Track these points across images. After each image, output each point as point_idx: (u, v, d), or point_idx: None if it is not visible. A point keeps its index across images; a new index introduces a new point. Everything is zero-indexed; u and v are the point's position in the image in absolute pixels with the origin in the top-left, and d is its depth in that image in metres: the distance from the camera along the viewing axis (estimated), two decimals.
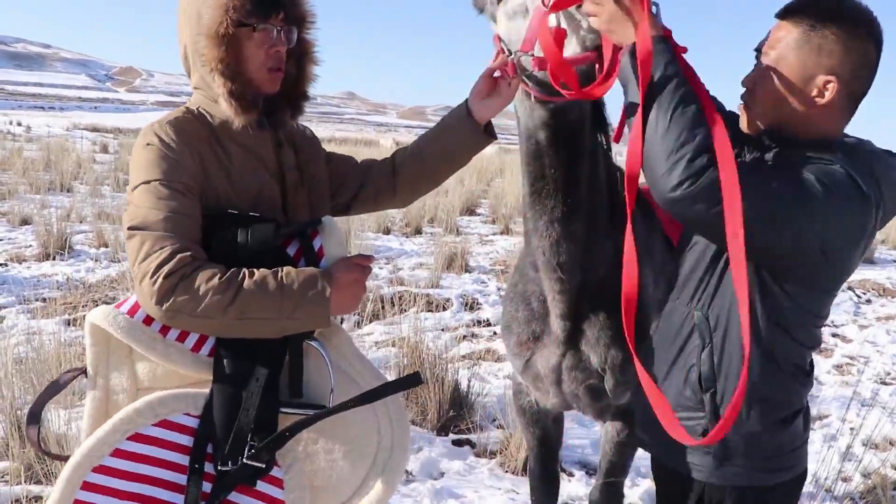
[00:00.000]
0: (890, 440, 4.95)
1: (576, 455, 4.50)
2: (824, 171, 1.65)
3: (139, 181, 1.80)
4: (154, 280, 1.69)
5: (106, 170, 17.97)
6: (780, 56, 1.76)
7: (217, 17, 1.81)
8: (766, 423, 1.83)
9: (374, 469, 1.95)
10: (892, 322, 8.35)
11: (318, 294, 1.81)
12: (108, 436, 1.75)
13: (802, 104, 1.75)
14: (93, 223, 10.12)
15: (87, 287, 7.25)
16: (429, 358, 4.97)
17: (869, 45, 1.72)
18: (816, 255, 1.68)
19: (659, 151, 1.64)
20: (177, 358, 1.82)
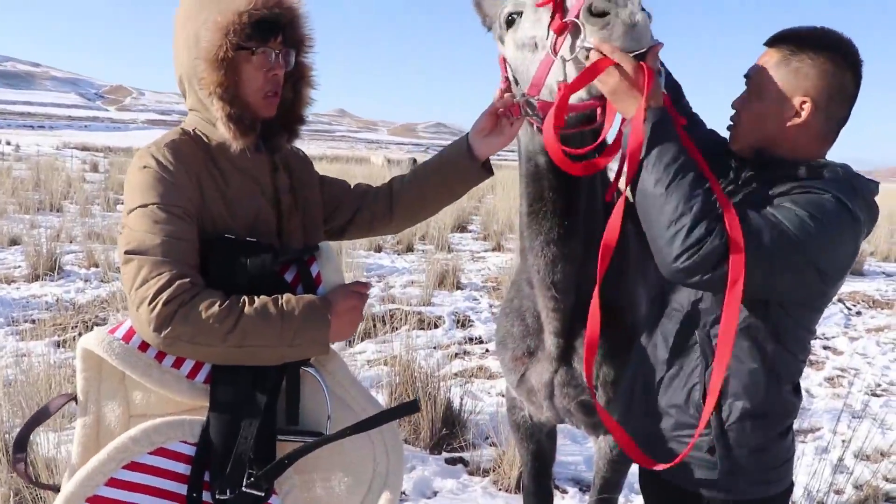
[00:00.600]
0: (881, 451, 4.96)
1: (569, 472, 4.49)
2: (816, 204, 1.72)
3: (136, 204, 1.78)
4: (152, 306, 1.66)
5: (96, 189, 17.93)
6: (762, 79, 1.90)
7: (216, 40, 1.80)
8: (769, 437, 1.92)
9: (370, 495, 1.95)
10: (882, 333, 8.40)
11: (318, 322, 1.82)
12: (102, 465, 1.71)
13: (782, 123, 1.87)
14: (83, 243, 10.08)
15: (77, 308, 7.21)
16: (421, 376, 4.96)
17: (846, 73, 1.84)
18: (816, 284, 1.77)
19: (659, 222, 1.71)
20: (172, 385, 1.79)
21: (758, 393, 1.88)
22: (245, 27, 1.81)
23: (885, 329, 8.61)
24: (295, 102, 2.07)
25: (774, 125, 1.89)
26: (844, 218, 1.74)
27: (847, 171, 1.86)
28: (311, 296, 1.88)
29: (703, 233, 1.64)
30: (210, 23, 1.81)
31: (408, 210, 2.39)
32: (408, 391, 4.85)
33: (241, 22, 1.80)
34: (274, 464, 1.82)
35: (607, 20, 1.70)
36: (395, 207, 2.36)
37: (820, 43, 1.85)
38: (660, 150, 1.72)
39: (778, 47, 1.89)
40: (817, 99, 1.84)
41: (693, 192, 1.68)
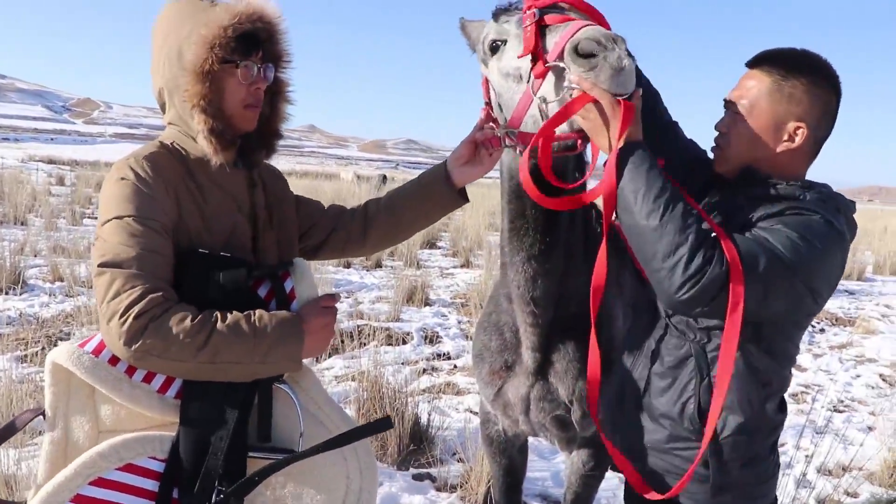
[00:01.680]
0: (843, 466, 5.04)
1: (536, 488, 4.50)
2: (807, 226, 1.77)
3: (111, 216, 1.76)
4: (123, 320, 1.64)
5: (62, 202, 17.68)
6: (752, 103, 1.92)
7: (201, 53, 1.81)
8: (759, 451, 1.97)
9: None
10: (844, 350, 8.54)
11: (291, 338, 1.83)
12: (68, 481, 1.69)
13: (774, 147, 1.92)
14: (48, 257, 9.92)
15: (41, 322, 7.09)
16: (389, 392, 4.94)
17: (831, 96, 1.91)
18: (809, 305, 1.83)
19: (656, 256, 1.72)
20: (143, 400, 1.77)
21: (751, 407, 1.91)
22: (230, 41, 1.83)
23: (848, 346, 8.76)
24: (271, 118, 2.08)
25: (766, 149, 1.93)
26: (833, 237, 1.79)
27: (830, 191, 1.92)
28: (285, 312, 1.88)
29: (702, 262, 1.66)
30: (194, 36, 1.82)
31: (382, 233, 2.41)
32: (375, 407, 4.83)
33: (226, 35, 1.81)
34: (244, 480, 1.80)
35: (594, 63, 1.72)
36: (369, 230, 2.39)
37: (808, 67, 1.90)
38: (647, 183, 1.73)
39: (765, 70, 1.92)
40: (810, 123, 1.89)
41: (686, 223, 1.69)
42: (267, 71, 1.95)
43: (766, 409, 1.93)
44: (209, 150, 1.88)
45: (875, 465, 4.93)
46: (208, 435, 1.80)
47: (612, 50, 1.70)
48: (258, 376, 1.85)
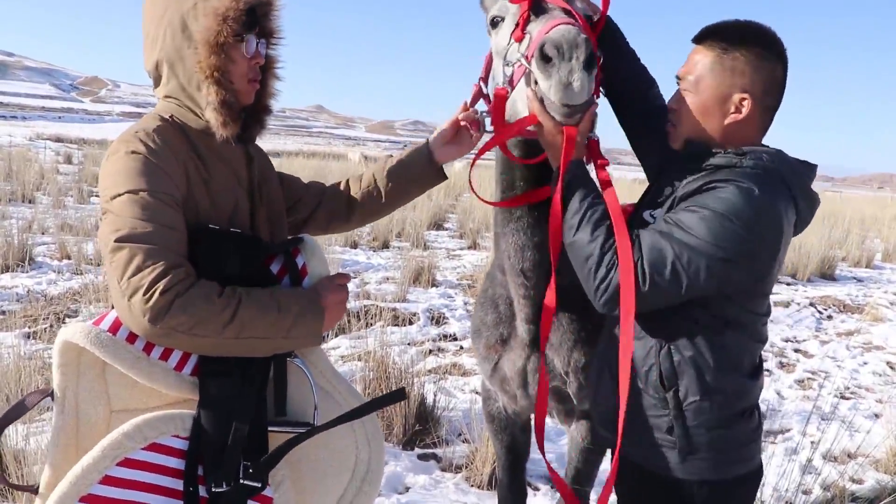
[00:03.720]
0: (848, 453, 5.05)
1: (541, 469, 4.50)
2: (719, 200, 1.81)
3: (123, 189, 1.71)
4: (149, 296, 1.60)
5: (70, 181, 17.70)
6: (698, 78, 1.98)
7: (214, 25, 1.80)
8: (725, 416, 1.97)
9: (353, 483, 2.03)
10: (851, 337, 8.52)
11: (313, 314, 1.85)
12: (96, 462, 1.66)
13: (722, 119, 1.97)
14: (55, 235, 9.95)
15: (49, 300, 7.13)
16: (395, 372, 4.96)
17: (776, 65, 1.94)
18: (743, 276, 1.87)
19: (578, 267, 1.94)
20: (160, 378, 1.75)
21: (708, 375, 1.93)
22: (241, 14, 1.83)
23: (855, 333, 8.74)
24: (262, 93, 2.07)
25: (714, 122, 1.97)
26: (753, 204, 1.80)
27: (772, 156, 1.93)
28: (304, 289, 1.92)
29: (606, 270, 1.85)
30: (204, 8, 1.82)
31: (367, 210, 2.45)
32: (381, 387, 4.85)
33: (238, 8, 1.82)
34: (271, 454, 1.83)
35: (550, 72, 1.84)
36: (353, 207, 2.43)
37: (750, 38, 1.93)
38: (571, 201, 1.95)
39: (708, 44, 1.97)
40: (755, 93, 1.93)
41: (594, 233, 1.88)
42: (261, 46, 1.96)
43: (727, 376, 1.95)
44: (217, 122, 1.86)
45: (881, 453, 4.92)
46: (230, 411, 1.80)
47: (566, 61, 1.80)
48: (280, 351, 1.87)
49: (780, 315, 9.27)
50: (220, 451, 1.79)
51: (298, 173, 12.80)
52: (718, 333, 1.93)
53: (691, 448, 1.97)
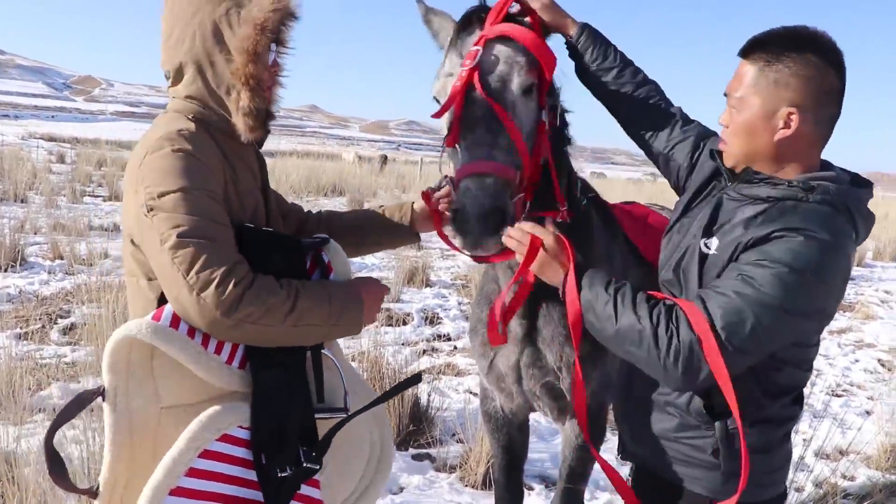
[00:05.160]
0: (840, 450, 5.07)
1: (535, 469, 4.52)
2: (794, 254, 1.69)
3: (175, 187, 1.74)
4: (222, 289, 1.68)
5: (62, 180, 17.66)
6: (743, 94, 1.86)
7: (253, 34, 1.86)
8: (768, 441, 1.94)
9: (371, 463, 2.20)
10: (843, 336, 8.55)
11: (357, 304, 1.98)
12: (182, 455, 1.73)
13: (771, 136, 1.83)
14: (48, 235, 9.93)
15: (41, 300, 7.10)
16: (389, 372, 4.96)
17: (828, 71, 1.79)
18: (815, 324, 1.83)
19: (640, 356, 1.77)
20: (216, 371, 1.81)
21: (761, 408, 1.90)
22: (277, 23, 1.90)
23: (847, 331, 8.79)
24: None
25: (763, 140, 1.85)
26: (827, 255, 1.71)
27: (839, 189, 1.81)
28: (347, 282, 2.06)
29: (667, 338, 1.71)
30: (241, 16, 1.88)
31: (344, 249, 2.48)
32: (375, 387, 4.84)
33: (276, 20, 1.89)
34: (323, 438, 1.96)
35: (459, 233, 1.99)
36: None
37: (795, 46, 1.80)
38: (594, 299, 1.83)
39: (752, 58, 1.86)
40: (803, 106, 1.79)
41: (637, 311, 1.75)
42: (277, 56, 2.00)
43: (774, 404, 1.91)
44: (246, 127, 1.92)
45: (872, 450, 4.95)
46: (286, 400, 1.91)
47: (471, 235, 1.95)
48: (328, 339, 2.01)
49: None
50: (279, 438, 1.88)
51: (293, 173, 12.81)
52: (775, 370, 1.87)
53: (735, 471, 1.87)
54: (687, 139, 2.32)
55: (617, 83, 2.40)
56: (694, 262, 1.93)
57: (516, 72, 2.13)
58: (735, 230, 1.84)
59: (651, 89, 2.41)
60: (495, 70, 2.12)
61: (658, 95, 2.41)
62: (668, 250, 2.11)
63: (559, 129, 2.39)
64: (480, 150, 2.02)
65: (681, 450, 1.99)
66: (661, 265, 2.12)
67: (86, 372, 4.77)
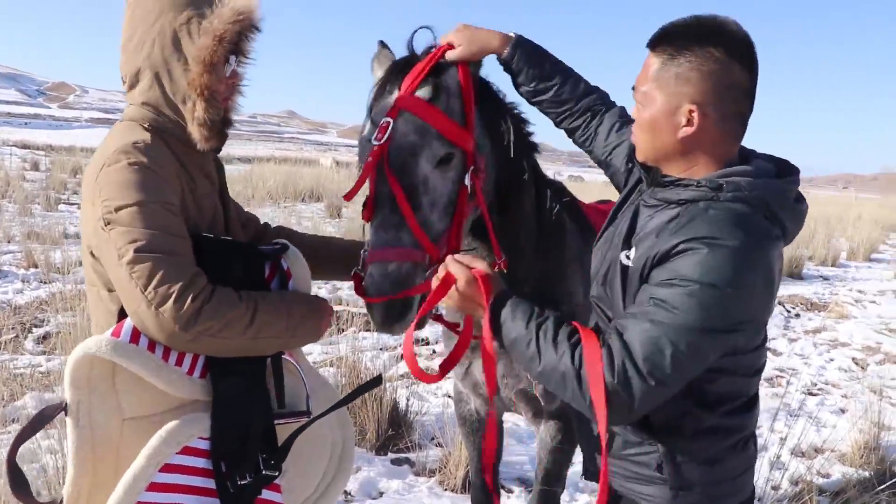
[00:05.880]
0: (815, 448, 5.13)
1: (514, 471, 4.53)
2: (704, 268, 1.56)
3: (131, 201, 1.74)
4: (180, 304, 1.69)
5: (37, 188, 17.44)
6: (647, 89, 1.76)
7: (212, 45, 1.85)
8: (717, 451, 1.82)
9: (332, 463, 2.21)
10: (818, 335, 8.65)
11: (316, 314, 2.01)
12: (142, 471, 1.74)
13: (674, 134, 1.73)
14: (22, 243, 9.81)
15: (15, 309, 7.02)
16: (367, 377, 4.95)
17: (731, 65, 1.66)
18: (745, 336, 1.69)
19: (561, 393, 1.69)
20: (177, 382, 1.82)
21: (700, 420, 1.78)
22: (235, 36, 1.89)
23: (822, 330, 8.88)
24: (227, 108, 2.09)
25: (667, 138, 1.74)
26: (739, 261, 1.57)
27: (752, 183, 1.68)
28: (306, 294, 2.05)
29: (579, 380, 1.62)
30: (197, 27, 1.87)
31: None
32: None
33: (234, 31, 1.88)
34: (283, 444, 1.97)
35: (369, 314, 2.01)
36: None
37: (698, 39, 1.68)
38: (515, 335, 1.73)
39: (658, 50, 1.74)
40: (704, 103, 1.67)
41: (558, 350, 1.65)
42: (235, 64, 1.99)
43: (714, 414, 1.78)
44: (201, 136, 1.91)
45: (846, 447, 5.02)
46: (245, 408, 1.91)
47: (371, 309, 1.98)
48: (287, 349, 2.01)
49: None
50: (240, 447, 1.89)
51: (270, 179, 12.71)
52: (708, 381, 1.72)
53: (682, 484, 1.82)
54: (623, 142, 2.21)
55: (557, 97, 2.31)
56: (617, 276, 1.82)
57: (427, 146, 2.04)
58: (648, 238, 1.74)
59: (594, 99, 2.32)
60: (405, 146, 2.03)
61: (599, 102, 2.32)
62: (595, 262, 2.02)
63: (523, 143, 2.37)
64: (387, 233, 1.99)
65: (628, 467, 1.91)
66: (591, 279, 2.01)
67: (60, 381, 4.72)
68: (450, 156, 2.06)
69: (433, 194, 2.06)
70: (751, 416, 1.88)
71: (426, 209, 2.03)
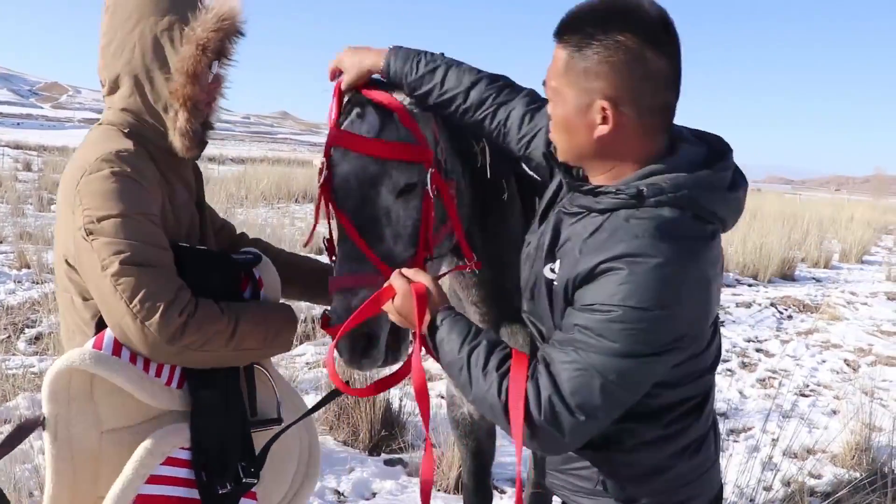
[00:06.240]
0: (808, 449, 5.15)
1: (507, 472, 4.53)
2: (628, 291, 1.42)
3: (115, 212, 1.71)
4: (166, 319, 1.69)
5: (29, 188, 17.37)
6: (557, 85, 1.59)
7: (195, 55, 1.82)
8: (665, 458, 1.71)
9: (301, 467, 2.23)
10: (811, 336, 8.68)
11: (290, 324, 2.01)
12: (130, 482, 1.74)
13: (590, 134, 1.55)
14: (14, 244, 9.77)
15: (7, 309, 6.98)
16: (360, 378, 4.95)
17: (643, 52, 1.48)
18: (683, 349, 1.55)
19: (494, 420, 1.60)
20: (158, 393, 1.82)
21: (629, 433, 1.67)
22: (219, 44, 1.86)
23: (814, 332, 8.91)
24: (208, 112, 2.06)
25: (582, 138, 1.57)
26: (668, 278, 1.43)
27: (674, 181, 1.50)
28: (279, 303, 2.08)
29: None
30: (179, 34, 1.83)
31: None
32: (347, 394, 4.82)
33: (218, 39, 1.84)
34: (261, 451, 2.00)
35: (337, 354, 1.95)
36: None
37: (604, 26, 1.49)
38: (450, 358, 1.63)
39: (563, 41, 1.56)
40: (619, 98, 1.50)
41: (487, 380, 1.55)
42: (219, 69, 1.95)
43: (653, 427, 1.67)
44: (182, 146, 1.89)
45: (838, 448, 5.03)
46: (224, 418, 1.92)
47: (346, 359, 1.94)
48: (262, 358, 2.05)
49: (742, 315, 9.44)
50: (219, 456, 1.89)
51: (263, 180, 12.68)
52: (651, 397, 1.59)
53: (627, 498, 1.72)
54: (539, 132, 1.95)
55: (441, 96, 2.02)
56: (543, 291, 1.69)
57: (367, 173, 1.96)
58: (570, 254, 1.59)
59: (488, 88, 2.02)
60: (343, 179, 1.98)
61: (496, 91, 2.02)
62: (524, 274, 1.86)
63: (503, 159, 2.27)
64: (349, 264, 1.96)
65: (572, 481, 1.82)
66: (522, 291, 1.87)
67: None
68: (409, 184, 1.97)
69: (396, 225, 1.99)
70: (700, 419, 1.74)
71: (388, 239, 1.98)
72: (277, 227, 11.31)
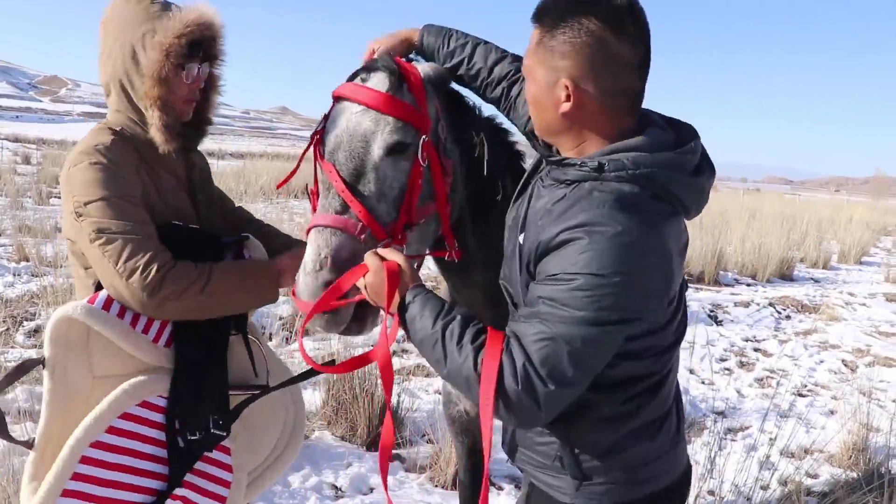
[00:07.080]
0: (805, 449, 5.16)
1: (504, 469, 4.54)
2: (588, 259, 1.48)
3: (97, 196, 1.98)
4: (146, 274, 1.94)
5: (28, 181, 17.37)
6: (529, 63, 1.71)
7: (159, 59, 2.05)
8: (621, 438, 1.74)
9: (284, 435, 2.43)
10: (809, 336, 8.69)
11: (269, 272, 2.18)
12: (104, 414, 1.97)
13: (555, 111, 1.66)
14: (13, 236, 9.76)
15: (6, 302, 6.99)
16: (358, 374, 4.95)
17: (605, 36, 1.57)
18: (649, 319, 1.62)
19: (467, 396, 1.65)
20: (143, 347, 2.06)
21: (587, 405, 1.69)
22: (183, 48, 2.07)
23: (813, 332, 8.92)
24: (204, 107, 2.33)
25: (549, 115, 1.69)
26: (628, 247, 1.48)
27: (636, 159, 1.58)
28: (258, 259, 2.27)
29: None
30: (151, 41, 2.06)
31: None
32: (345, 388, 4.84)
33: (181, 44, 2.06)
34: (233, 409, 2.19)
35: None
36: None
37: (572, 10, 1.60)
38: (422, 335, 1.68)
39: (538, 24, 1.68)
40: (580, 77, 1.60)
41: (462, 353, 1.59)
42: (204, 69, 2.19)
43: (611, 400, 1.71)
44: (161, 140, 2.12)
45: (835, 448, 5.05)
46: (201, 374, 2.14)
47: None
48: (247, 306, 2.21)
49: (741, 315, 9.44)
50: (194, 407, 2.12)
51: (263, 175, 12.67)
52: (610, 367, 1.61)
53: (584, 475, 1.76)
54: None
55: (469, 69, 2.28)
56: (515, 257, 1.77)
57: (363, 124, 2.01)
58: (536, 220, 1.69)
59: (508, 64, 2.26)
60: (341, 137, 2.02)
61: (514, 69, 2.24)
62: (507, 245, 1.93)
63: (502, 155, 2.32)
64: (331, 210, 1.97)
65: (534, 456, 1.87)
66: (504, 261, 1.94)
67: None
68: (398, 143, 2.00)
69: (378, 179, 2.00)
70: (657, 399, 1.77)
71: (373, 197, 1.98)
72: (276, 222, 11.29)
